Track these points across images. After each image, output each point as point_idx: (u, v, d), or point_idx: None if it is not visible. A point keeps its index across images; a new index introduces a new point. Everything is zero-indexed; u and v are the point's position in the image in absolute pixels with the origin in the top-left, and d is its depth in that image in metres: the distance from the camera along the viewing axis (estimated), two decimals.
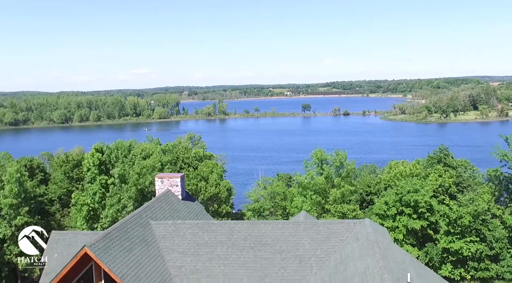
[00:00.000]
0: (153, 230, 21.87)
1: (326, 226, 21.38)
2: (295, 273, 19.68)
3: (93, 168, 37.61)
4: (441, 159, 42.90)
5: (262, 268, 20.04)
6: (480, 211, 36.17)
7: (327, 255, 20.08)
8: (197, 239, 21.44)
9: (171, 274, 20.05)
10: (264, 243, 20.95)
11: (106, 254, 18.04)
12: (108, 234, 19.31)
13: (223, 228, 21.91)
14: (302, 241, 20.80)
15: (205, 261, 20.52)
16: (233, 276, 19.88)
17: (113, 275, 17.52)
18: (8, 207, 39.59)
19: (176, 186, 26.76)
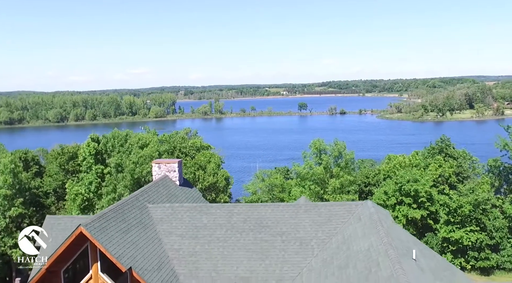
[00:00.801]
0: (150, 213, 21.38)
1: (327, 208, 20.95)
2: (296, 255, 19.25)
3: (89, 157, 36.96)
4: (442, 149, 42.58)
5: (262, 250, 19.60)
6: (480, 200, 35.85)
7: (328, 236, 19.65)
8: (195, 222, 20.97)
9: (168, 257, 19.57)
10: (264, 225, 20.50)
11: (102, 234, 17.54)
12: (104, 214, 18.80)
13: (222, 210, 21.45)
14: (303, 223, 20.37)
15: (204, 243, 20.06)
16: (232, 258, 19.43)
17: (109, 255, 17.02)
18: (2, 198, 38.96)
19: (173, 172, 26.28)
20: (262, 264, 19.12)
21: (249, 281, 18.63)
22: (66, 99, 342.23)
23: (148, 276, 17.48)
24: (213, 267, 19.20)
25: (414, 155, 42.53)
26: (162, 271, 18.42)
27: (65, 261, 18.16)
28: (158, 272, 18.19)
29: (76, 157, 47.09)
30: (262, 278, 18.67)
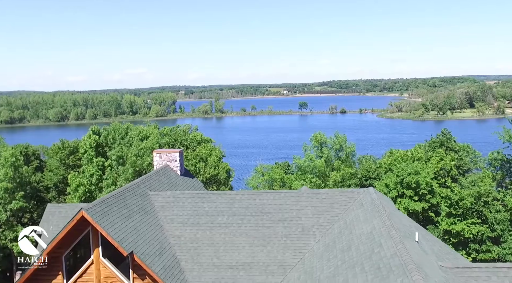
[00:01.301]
0: (151, 200, 21.35)
1: (329, 195, 20.92)
2: (298, 241, 19.21)
3: (89, 149, 36.91)
4: (444, 143, 42.48)
5: (264, 236, 19.56)
6: (482, 192, 35.72)
7: (330, 223, 19.61)
8: (197, 208, 20.95)
9: (170, 243, 19.53)
10: (265, 212, 20.46)
11: (104, 218, 17.50)
12: (106, 199, 18.77)
13: (224, 198, 21.42)
14: (304, 210, 20.34)
15: (205, 230, 20.03)
16: (234, 244, 19.40)
17: (110, 239, 16.98)
18: (3, 191, 38.94)
19: (174, 161, 26.25)
20: (264, 250, 19.09)
21: (250, 266, 18.60)
22: (67, 98, 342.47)
23: (149, 260, 17.44)
24: (214, 253, 19.17)
25: (416, 149, 42.46)
26: (163, 256, 18.39)
27: (66, 246, 18.11)
28: (160, 257, 18.16)
29: (77, 151, 47.04)
30: (264, 263, 18.63)
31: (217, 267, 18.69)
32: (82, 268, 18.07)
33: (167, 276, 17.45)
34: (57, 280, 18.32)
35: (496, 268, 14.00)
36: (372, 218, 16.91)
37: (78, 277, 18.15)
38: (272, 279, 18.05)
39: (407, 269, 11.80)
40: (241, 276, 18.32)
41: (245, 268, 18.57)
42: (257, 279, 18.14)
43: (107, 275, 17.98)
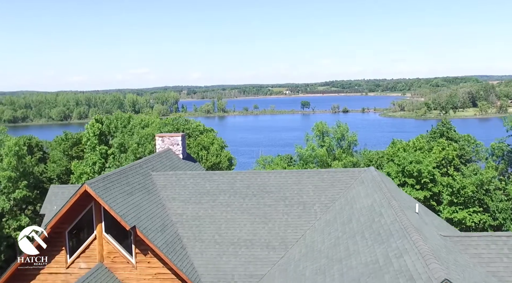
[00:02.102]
0: (153, 180, 21.50)
1: (330, 174, 21.03)
2: (299, 218, 19.33)
3: (92, 138, 37.09)
4: (444, 133, 42.53)
5: (265, 214, 19.69)
6: (484, 181, 35.78)
7: (331, 201, 19.73)
8: (198, 188, 21.09)
9: (172, 220, 19.67)
10: (267, 190, 20.59)
11: (107, 193, 17.66)
12: (108, 176, 18.93)
13: (225, 177, 21.57)
14: (306, 189, 20.46)
15: (207, 208, 20.17)
16: (235, 222, 19.53)
17: (113, 213, 17.12)
18: (7, 180, 39.16)
19: (177, 145, 26.40)
20: (265, 227, 19.22)
21: (252, 243, 18.72)
22: (69, 98, 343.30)
23: (152, 235, 17.58)
24: (216, 230, 19.30)
25: (418, 139, 42.52)
26: (165, 232, 18.52)
27: (69, 222, 18.26)
28: (162, 233, 18.29)
29: (80, 143, 47.27)
30: (265, 240, 18.75)
31: (218, 244, 18.82)
32: (85, 243, 18.22)
33: (169, 251, 17.58)
34: (60, 255, 18.47)
35: (495, 237, 14.09)
36: (373, 193, 17.02)
37: (81, 252, 18.30)
38: (274, 254, 18.18)
39: (407, 232, 11.91)
40: (243, 252, 18.44)
41: (246, 244, 18.70)
42: (259, 255, 18.27)
43: (109, 251, 18.13)
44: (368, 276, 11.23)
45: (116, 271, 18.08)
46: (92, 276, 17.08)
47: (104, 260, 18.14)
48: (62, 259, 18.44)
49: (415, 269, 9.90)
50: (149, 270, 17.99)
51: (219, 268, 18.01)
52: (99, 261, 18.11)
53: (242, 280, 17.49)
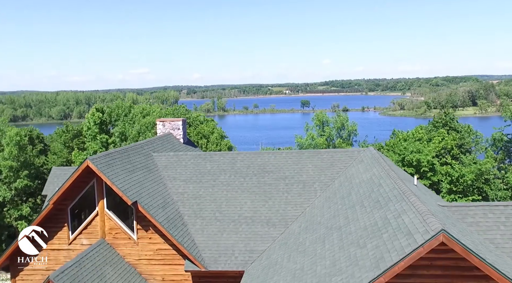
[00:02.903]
0: (155, 160, 21.67)
1: (329, 155, 21.21)
2: (299, 196, 19.51)
3: (93, 126, 37.28)
4: (447, 123, 42.72)
5: (266, 192, 19.87)
6: (483, 170, 35.95)
7: (331, 180, 19.90)
8: (199, 168, 21.27)
9: (173, 199, 19.85)
10: (267, 170, 20.77)
11: (109, 169, 17.84)
12: (111, 153, 19.12)
13: (226, 158, 21.75)
14: (305, 168, 20.64)
15: (208, 187, 20.34)
16: (236, 200, 19.71)
17: (115, 188, 17.31)
18: (8, 170, 39.33)
19: (177, 129, 26.58)
20: (266, 205, 19.39)
21: (253, 220, 18.90)
22: (69, 97, 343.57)
23: (153, 211, 17.76)
24: (217, 208, 19.49)
25: (417, 129, 42.67)
26: (167, 209, 18.70)
27: (72, 198, 18.45)
28: (163, 209, 18.47)
29: (81, 134, 47.45)
30: (266, 217, 18.94)
31: (219, 221, 19.00)
32: (87, 219, 18.41)
33: (170, 227, 17.77)
34: (63, 232, 18.67)
35: (492, 206, 14.25)
36: (372, 168, 17.20)
37: (83, 228, 18.49)
38: (274, 231, 18.36)
39: (405, 196, 12.09)
40: (243, 229, 18.63)
41: (247, 221, 18.88)
42: (259, 232, 18.45)
43: (111, 227, 18.32)
44: (366, 237, 11.42)
45: (118, 247, 18.28)
46: (94, 251, 17.26)
47: (106, 236, 18.33)
48: (64, 236, 18.64)
49: (413, 225, 10.09)
50: (150, 246, 18.19)
51: (220, 244, 18.20)
52: (101, 237, 18.30)
53: (243, 255, 17.67)
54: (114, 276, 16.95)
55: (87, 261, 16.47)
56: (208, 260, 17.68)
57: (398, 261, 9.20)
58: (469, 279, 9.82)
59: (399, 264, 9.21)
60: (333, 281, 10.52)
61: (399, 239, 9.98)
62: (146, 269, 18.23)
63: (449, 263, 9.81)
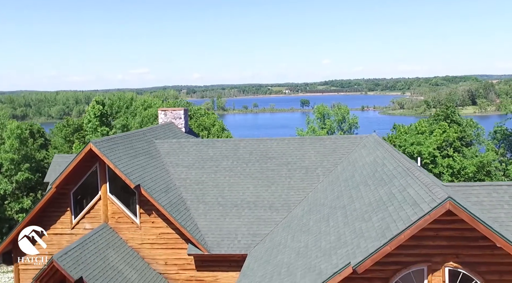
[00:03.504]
0: (157, 147, 21.66)
1: (332, 141, 21.22)
2: (302, 181, 19.50)
3: (94, 119, 37.24)
4: (448, 116, 42.75)
5: (268, 178, 19.86)
6: (486, 162, 35.97)
7: (333, 165, 19.90)
8: (202, 154, 21.26)
9: (176, 184, 19.84)
10: (270, 156, 20.77)
11: (112, 152, 17.84)
12: (113, 138, 19.13)
13: (228, 144, 21.75)
14: (308, 154, 20.64)
15: (210, 173, 20.33)
16: (239, 185, 19.71)
17: (118, 171, 17.29)
18: (9, 162, 39.31)
19: (179, 119, 26.56)
20: (268, 190, 19.39)
21: (255, 204, 18.90)
22: (69, 96, 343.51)
23: (156, 195, 17.74)
24: (219, 193, 19.47)
25: (420, 123, 42.66)
26: (169, 194, 18.69)
27: (74, 183, 18.44)
28: (166, 194, 18.46)
29: (81, 128, 47.43)
30: (269, 202, 18.93)
31: (222, 206, 18.99)
32: (90, 204, 18.40)
33: (173, 211, 17.75)
34: (65, 216, 18.67)
35: (496, 186, 14.24)
36: (375, 151, 17.20)
37: (86, 213, 18.48)
38: (277, 215, 18.35)
39: (410, 172, 12.08)
40: (246, 213, 18.62)
41: (249, 206, 18.88)
42: (262, 216, 18.45)
43: (114, 211, 18.30)
44: (372, 211, 11.42)
45: (121, 232, 18.27)
46: (97, 234, 17.25)
47: (108, 220, 18.32)
48: (67, 220, 18.64)
49: (419, 196, 10.09)
50: (153, 230, 18.19)
51: (223, 228, 18.19)
52: (103, 221, 18.29)
53: (246, 239, 17.66)
54: (117, 259, 16.94)
55: (90, 244, 16.46)
56: (211, 243, 17.67)
57: (404, 229, 9.20)
58: (474, 249, 9.83)
59: (405, 232, 9.21)
60: (338, 253, 10.51)
61: (404, 209, 9.98)
62: (149, 253, 18.22)
63: (455, 234, 9.83)
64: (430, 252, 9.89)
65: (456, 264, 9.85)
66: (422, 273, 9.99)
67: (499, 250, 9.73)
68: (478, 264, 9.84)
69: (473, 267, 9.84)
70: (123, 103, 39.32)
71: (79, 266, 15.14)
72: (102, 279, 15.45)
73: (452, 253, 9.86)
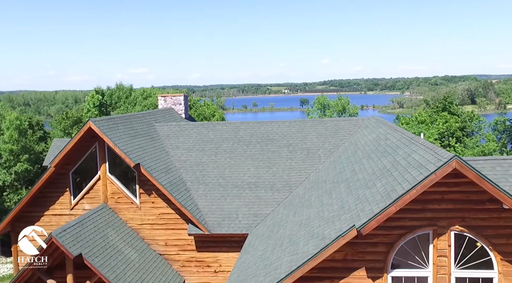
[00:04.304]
0: (157, 130, 21.48)
1: (333, 123, 21.05)
2: (303, 162, 19.33)
3: (93, 109, 37.02)
4: (446, 107, 42.62)
5: (269, 159, 19.69)
6: (487, 152, 35.83)
7: (335, 147, 19.73)
8: (202, 137, 21.09)
9: (176, 166, 19.66)
10: (271, 138, 20.61)
11: (111, 131, 17.65)
12: (113, 118, 18.95)
13: (229, 127, 21.59)
14: (309, 136, 20.47)
15: (211, 155, 20.16)
16: (239, 167, 19.53)
17: (117, 150, 17.10)
18: (8, 153, 39.12)
19: (179, 104, 26.40)
20: (269, 171, 19.21)
21: (256, 185, 18.72)
22: (68, 95, 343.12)
23: (156, 174, 17.55)
24: (220, 174, 19.30)
25: (420, 113, 42.52)
26: (170, 174, 18.50)
27: (74, 163, 18.26)
28: (166, 174, 18.27)
29: (80, 121, 47.23)
30: (269, 182, 18.75)
31: (222, 187, 18.81)
32: (89, 184, 18.21)
33: (173, 190, 17.56)
34: (64, 197, 18.48)
35: (500, 159, 14.10)
36: (378, 128, 17.02)
37: (85, 193, 18.30)
38: (278, 196, 18.17)
39: (415, 140, 11.90)
40: (247, 194, 18.44)
41: (250, 186, 18.70)
42: (263, 196, 18.27)
43: (114, 191, 18.11)
44: (376, 179, 11.24)
45: (120, 212, 18.08)
46: (96, 213, 17.06)
47: (108, 201, 18.13)
48: (66, 201, 18.45)
49: (424, 159, 9.91)
50: (153, 210, 18.01)
51: (223, 208, 18.01)
52: (103, 202, 18.10)
53: (247, 219, 17.49)
54: (117, 239, 16.75)
55: (89, 222, 16.27)
56: (211, 223, 17.49)
57: (410, 188, 9.02)
58: (480, 212, 9.66)
59: (411, 192, 9.03)
60: (342, 219, 10.34)
61: (410, 172, 9.81)
62: (148, 234, 18.04)
63: (461, 197, 9.65)
64: (436, 215, 9.71)
65: (462, 227, 9.68)
66: (427, 237, 9.82)
67: (506, 213, 9.57)
68: (484, 227, 9.67)
69: (480, 230, 9.67)
70: (122, 93, 39.15)
71: (78, 243, 14.95)
72: (102, 257, 15.26)
73: (458, 217, 9.68)
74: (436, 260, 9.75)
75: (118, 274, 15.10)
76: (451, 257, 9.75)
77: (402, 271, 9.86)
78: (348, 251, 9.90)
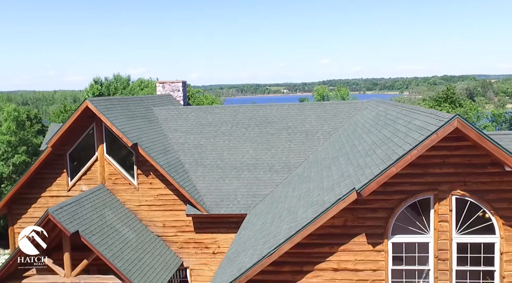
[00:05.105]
0: (155, 114, 21.33)
1: (333, 106, 20.91)
2: (302, 144, 19.20)
3: None
4: (448, 97, 42.51)
5: (268, 141, 19.56)
6: None
7: (334, 129, 19.60)
8: (200, 120, 20.96)
9: (174, 148, 19.51)
10: (269, 121, 20.47)
11: (108, 111, 17.50)
12: (110, 99, 18.81)
13: (227, 110, 21.47)
14: (308, 119, 20.34)
15: (209, 137, 20.02)
16: (238, 149, 19.40)
17: (115, 129, 16.96)
18: (6, 145, 38.91)
19: (177, 91, 26.22)
20: (268, 153, 19.08)
21: (255, 167, 18.59)
22: (67, 95, 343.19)
23: (154, 155, 17.40)
24: (218, 156, 19.16)
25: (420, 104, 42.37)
26: (168, 155, 18.36)
27: (71, 144, 18.11)
28: (164, 155, 18.13)
29: None
30: (268, 164, 18.62)
31: (221, 168, 18.67)
32: (86, 165, 18.06)
33: (171, 171, 17.41)
34: (61, 178, 18.33)
35: (502, 135, 14.00)
36: (377, 107, 16.89)
37: (83, 174, 18.15)
38: (277, 177, 18.04)
39: (416, 109, 11.75)
40: (245, 175, 18.31)
41: (249, 168, 18.56)
42: (262, 177, 18.13)
43: (111, 172, 17.96)
44: (376, 147, 11.10)
45: (118, 193, 17.93)
46: (93, 194, 16.90)
47: (105, 182, 17.98)
48: (63, 182, 18.30)
49: (425, 122, 9.77)
50: (151, 191, 17.86)
51: (222, 189, 17.87)
52: (100, 183, 17.94)
53: (245, 199, 17.35)
54: (114, 219, 16.60)
55: (86, 202, 16.12)
56: (210, 204, 17.35)
57: (411, 149, 8.88)
58: (482, 176, 9.51)
59: (412, 153, 8.89)
60: (341, 185, 10.20)
61: (411, 136, 9.67)
62: (146, 215, 17.89)
63: (462, 161, 9.51)
64: (437, 180, 9.57)
65: (463, 192, 9.54)
66: (428, 202, 9.67)
67: (508, 176, 9.43)
68: (486, 191, 9.52)
69: (481, 195, 9.53)
70: (120, 84, 39.00)
71: (75, 221, 14.79)
72: (99, 235, 15.11)
73: (459, 181, 9.54)
74: (437, 225, 9.61)
75: (115, 252, 14.95)
76: (453, 222, 9.61)
77: (402, 236, 9.72)
78: (348, 217, 9.76)
